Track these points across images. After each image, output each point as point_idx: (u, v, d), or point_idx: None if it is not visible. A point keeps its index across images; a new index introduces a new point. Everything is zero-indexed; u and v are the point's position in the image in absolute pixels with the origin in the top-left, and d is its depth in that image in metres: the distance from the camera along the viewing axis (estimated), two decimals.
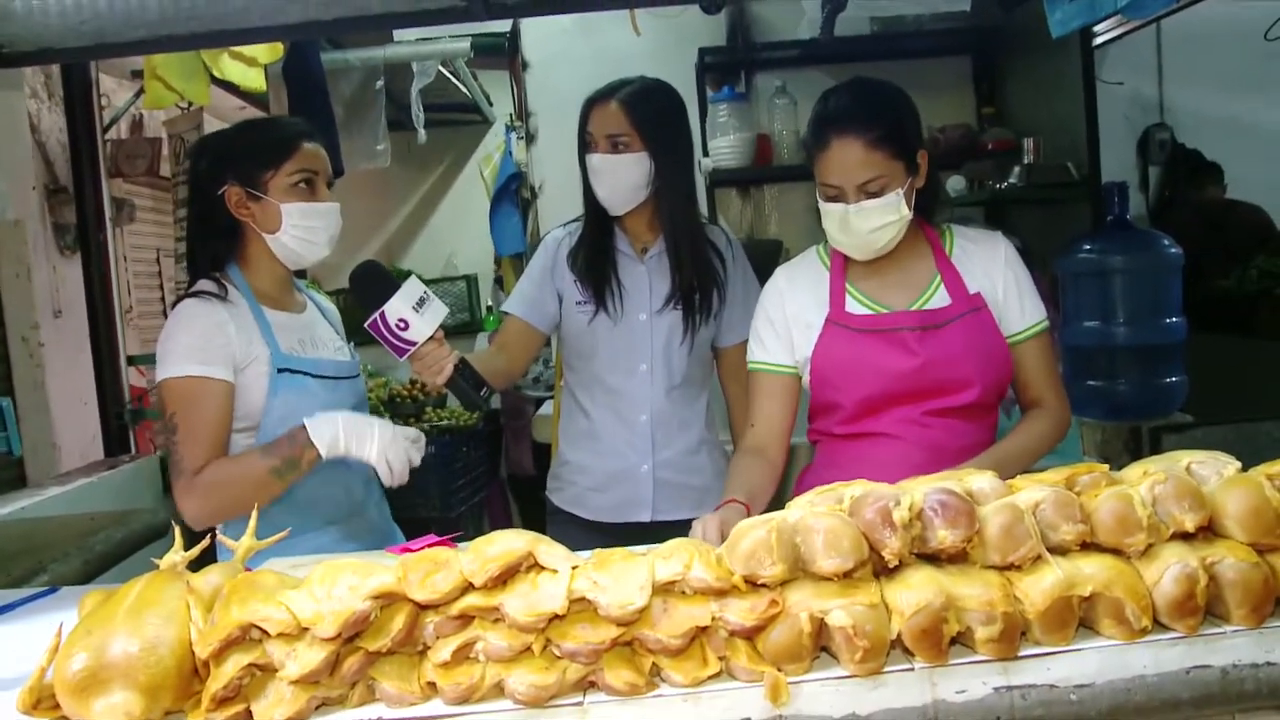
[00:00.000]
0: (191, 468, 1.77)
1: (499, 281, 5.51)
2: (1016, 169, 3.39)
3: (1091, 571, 1.17)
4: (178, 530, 1.47)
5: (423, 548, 1.69)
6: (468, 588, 1.19)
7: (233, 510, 1.72)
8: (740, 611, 1.15)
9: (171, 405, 1.79)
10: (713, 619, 1.16)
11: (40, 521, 2.43)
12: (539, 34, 3.82)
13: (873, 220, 1.76)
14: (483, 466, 5.18)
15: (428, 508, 4.60)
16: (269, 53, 2.96)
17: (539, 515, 2.47)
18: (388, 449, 1.82)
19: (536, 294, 2.30)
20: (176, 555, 1.41)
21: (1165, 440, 2.44)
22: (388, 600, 1.19)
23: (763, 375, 1.96)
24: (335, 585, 1.18)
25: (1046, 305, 1.86)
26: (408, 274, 1.97)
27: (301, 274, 2.01)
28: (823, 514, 1.21)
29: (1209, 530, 1.23)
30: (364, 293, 1.84)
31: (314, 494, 1.89)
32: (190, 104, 3.61)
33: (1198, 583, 1.16)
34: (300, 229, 1.88)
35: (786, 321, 1.93)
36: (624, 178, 2.16)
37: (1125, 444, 2.53)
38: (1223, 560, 1.18)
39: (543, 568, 1.20)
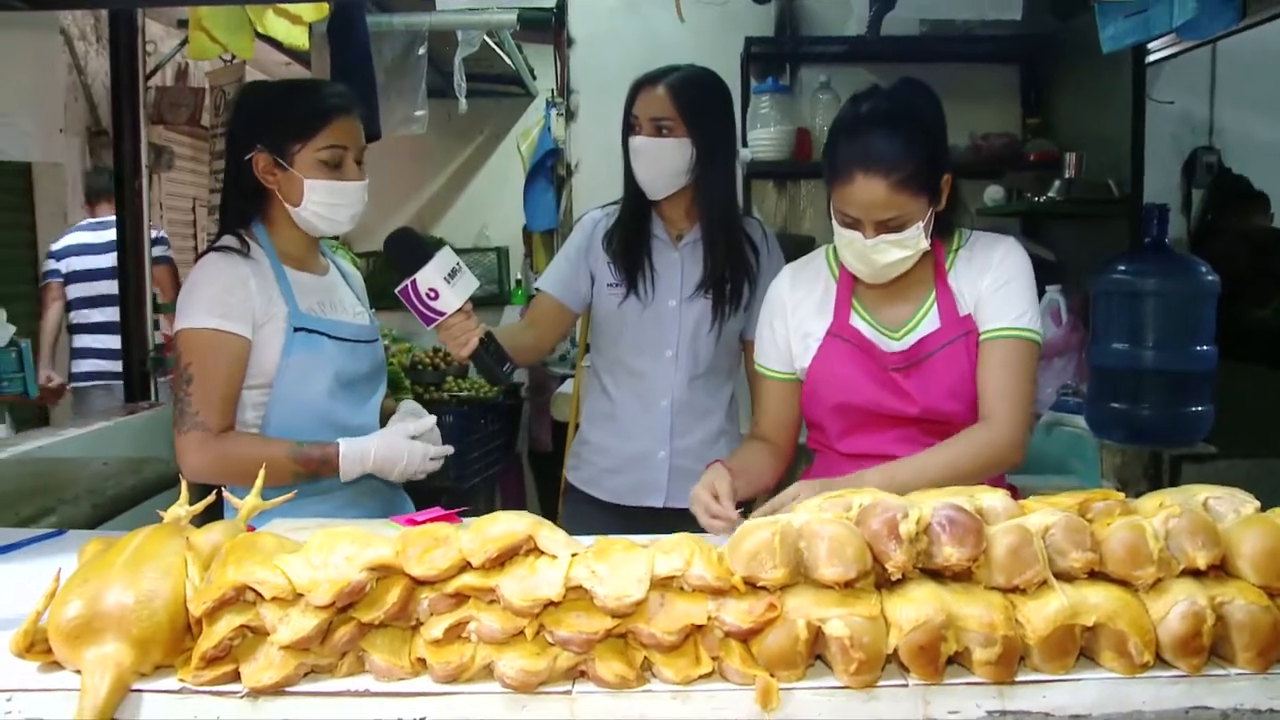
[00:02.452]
0: (205, 422, 1.78)
1: (529, 257, 5.50)
2: (1056, 183, 3.34)
3: (1097, 601, 1.15)
4: (185, 484, 1.47)
5: (426, 520, 1.69)
6: (465, 566, 1.18)
7: (236, 481, 1.72)
8: (737, 613, 1.14)
9: (187, 356, 1.79)
10: (709, 618, 1.14)
11: (54, 463, 2.45)
12: (586, 10, 3.79)
13: (890, 255, 1.70)
14: (499, 440, 5.19)
15: (440, 477, 4.55)
16: (314, 11, 2.95)
17: (556, 492, 2.49)
18: (409, 476, 1.88)
19: (570, 273, 2.32)
20: (181, 509, 1.42)
21: (1186, 470, 2.41)
22: (384, 573, 1.18)
23: (766, 379, 1.95)
24: (333, 554, 1.18)
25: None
26: (441, 243, 1.98)
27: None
28: (829, 520, 1.20)
29: (1221, 569, 1.21)
30: (397, 258, 1.85)
31: None
32: (234, 56, 3.61)
33: (1205, 621, 1.14)
34: (321, 205, 1.86)
35: (787, 332, 1.91)
36: (665, 162, 2.17)
37: (1145, 470, 2.50)
38: (1233, 601, 1.16)
39: (542, 552, 1.20)
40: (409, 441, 1.86)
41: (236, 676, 1.14)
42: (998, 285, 1.76)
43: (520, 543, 1.19)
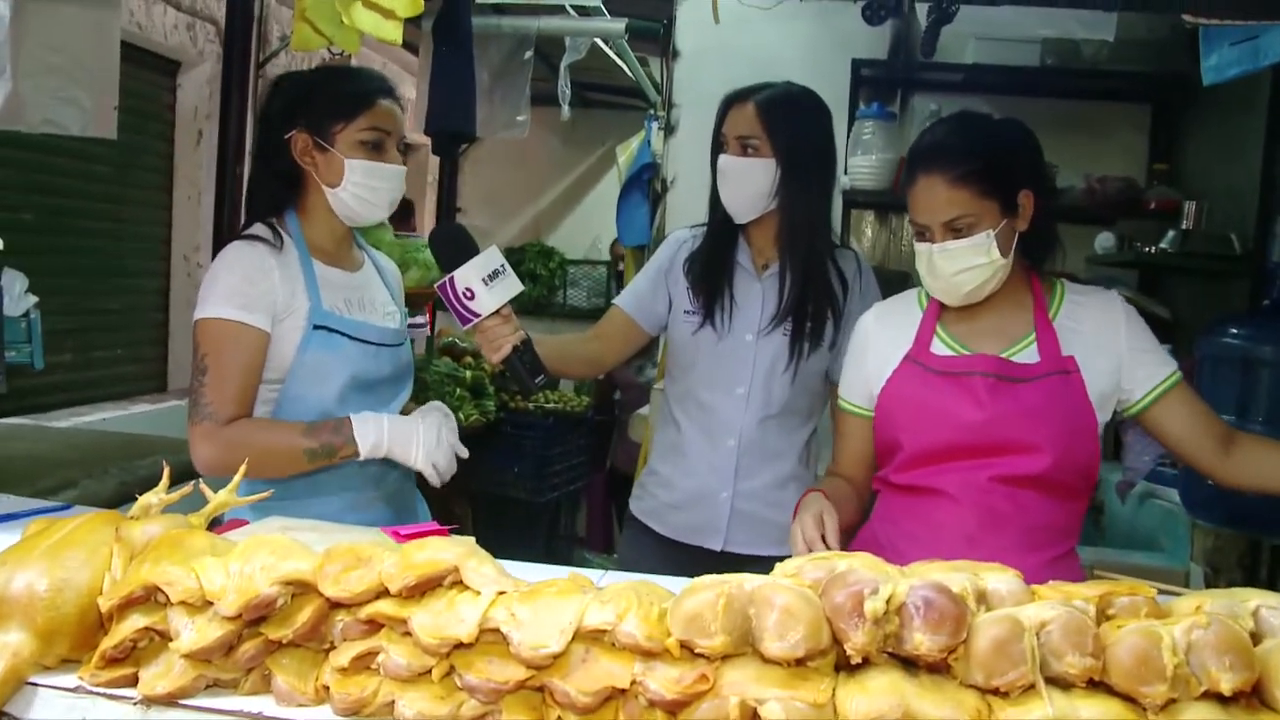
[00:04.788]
0: (218, 414, 1.74)
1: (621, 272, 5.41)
2: (1170, 233, 3.06)
3: (1089, 717, 0.98)
4: (166, 470, 1.42)
5: (411, 535, 1.61)
6: (384, 592, 1.09)
7: (250, 471, 1.67)
8: (664, 680, 1.01)
9: (204, 346, 1.76)
10: (633, 682, 1.02)
11: (102, 436, 2.48)
12: (693, 23, 3.69)
13: (958, 262, 1.63)
14: (583, 456, 5.13)
15: (519, 490, 4.57)
16: (409, 5, 2.91)
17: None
18: (433, 453, 1.79)
19: (648, 291, 2.23)
20: (154, 497, 1.37)
21: None
22: (300, 589, 1.10)
23: (848, 415, 1.88)
24: (249, 562, 1.11)
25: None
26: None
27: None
28: (785, 588, 1.05)
29: (1254, 697, 1.01)
30: (441, 254, 1.81)
31: None
32: (341, 51, 3.64)
33: None
34: (361, 187, 1.83)
35: (866, 365, 1.83)
36: (749, 183, 2.05)
37: (1240, 558, 2.24)
38: None
39: (467, 587, 1.09)
40: (420, 420, 1.80)
41: (135, 680, 1.08)
42: (1137, 345, 1.71)
43: (443, 573, 1.09)
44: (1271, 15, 1.38)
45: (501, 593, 1.08)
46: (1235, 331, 2.28)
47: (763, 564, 2.00)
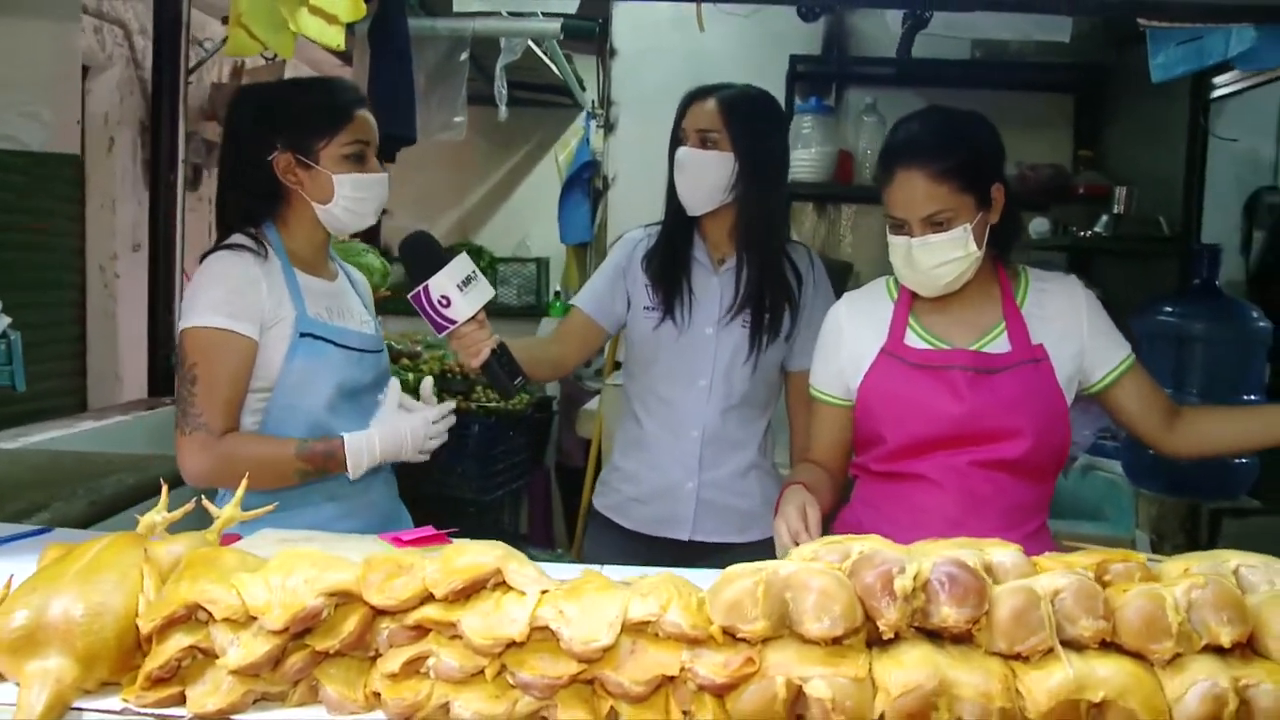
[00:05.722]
0: (211, 425, 1.74)
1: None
2: (1104, 218, 3.21)
3: (1106, 675, 1.05)
4: (164, 488, 1.42)
5: (413, 540, 1.63)
6: (428, 598, 1.12)
7: (239, 484, 1.67)
8: (712, 665, 1.06)
9: (193, 355, 1.75)
10: (682, 669, 1.06)
11: (55, 455, 2.42)
12: (631, 23, 3.74)
13: (937, 255, 1.68)
14: (526, 454, 5.14)
15: (465, 489, 4.57)
16: (350, 10, 2.89)
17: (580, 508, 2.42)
18: (420, 446, 1.83)
19: (606, 291, 2.26)
20: (157, 515, 1.37)
21: (1225, 524, 2.28)
22: (343, 599, 1.12)
23: (821, 405, 1.92)
24: (291, 575, 1.12)
25: None
26: (464, 248, 1.94)
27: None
28: (818, 571, 1.11)
29: (1248, 648, 1.10)
30: (412, 263, 1.81)
31: None
32: (275, 55, 3.59)
33: (1226, 705, 1.03)
34: (352, 200, 1.84)
35: (840, 356, 1.88)
36: (706, 175, 2.10)
37: (1181, 523, 2.38)
38: (1259, 685, 1.05)
39: (510, 588, 1.12)
40: (403, 415, 1.83)
41: (182, 699, 1.09)
42: (1097, 329, 1.79)
43: (487, 576, 1.12)
44: (1215, 19, 1.48)
45: (545, 591, 1.11)
46: (1168, 310, 2.41)
47: (729, 551, 2.10)
